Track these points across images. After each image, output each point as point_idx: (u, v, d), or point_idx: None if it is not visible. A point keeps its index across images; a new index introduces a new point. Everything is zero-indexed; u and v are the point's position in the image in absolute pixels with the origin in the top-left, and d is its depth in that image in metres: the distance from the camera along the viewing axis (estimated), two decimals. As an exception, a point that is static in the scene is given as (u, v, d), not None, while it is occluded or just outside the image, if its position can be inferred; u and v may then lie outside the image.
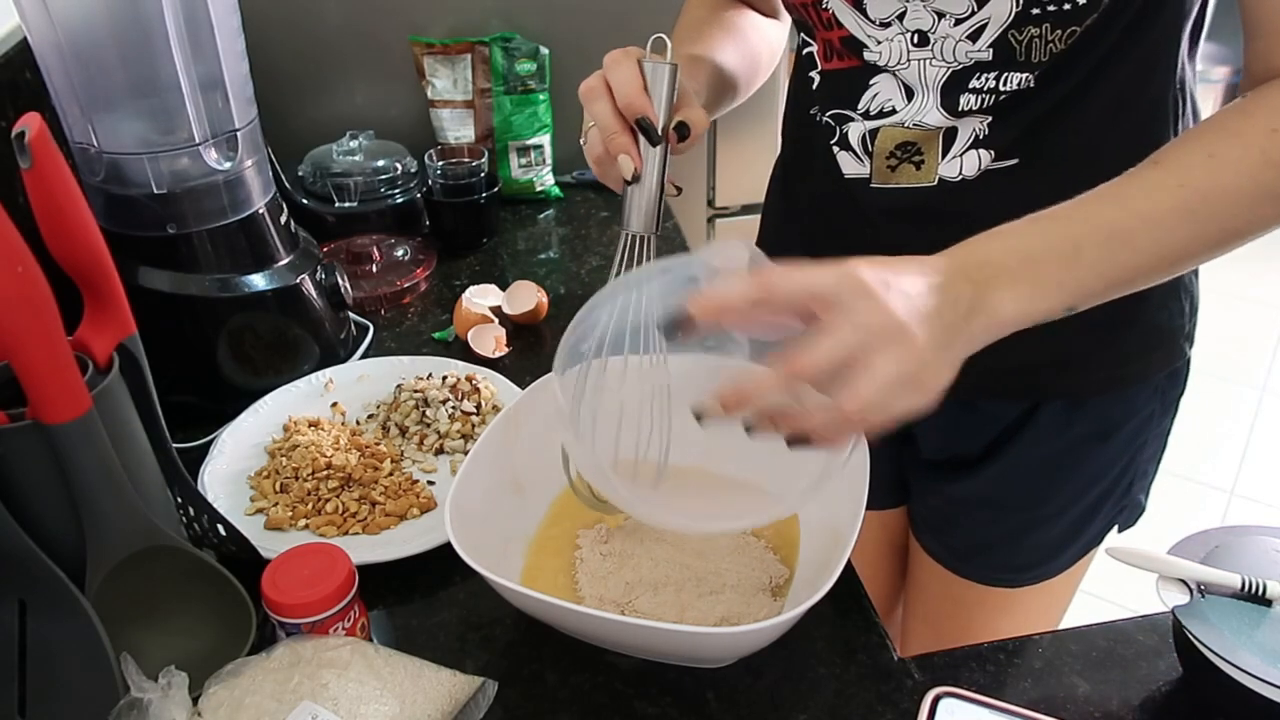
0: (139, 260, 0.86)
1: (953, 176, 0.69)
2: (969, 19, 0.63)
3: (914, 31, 0.65)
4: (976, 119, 0.67)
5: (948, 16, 0.63)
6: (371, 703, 0.57)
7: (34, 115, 0.54)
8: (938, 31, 0.64)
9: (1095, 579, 0.91)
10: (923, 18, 0.64)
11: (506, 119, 1.32)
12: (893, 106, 0.69)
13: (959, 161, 0.69)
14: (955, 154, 0.68)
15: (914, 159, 0.70)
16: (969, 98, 0.66)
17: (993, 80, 0.65)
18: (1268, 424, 2.48)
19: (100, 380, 0.58)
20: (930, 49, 0.65)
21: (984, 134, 0.67)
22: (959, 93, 0.66)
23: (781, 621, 0.57)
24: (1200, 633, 0.58)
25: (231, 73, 0.87)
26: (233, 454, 0.85)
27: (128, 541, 0.59)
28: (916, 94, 0.68)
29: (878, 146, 0.71)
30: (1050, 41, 0.62)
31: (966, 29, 0.63)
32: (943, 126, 0.68)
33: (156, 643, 0.61)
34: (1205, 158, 0.55)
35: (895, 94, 0.69)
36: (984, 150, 0.68)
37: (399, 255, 1.18)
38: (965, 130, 0.68)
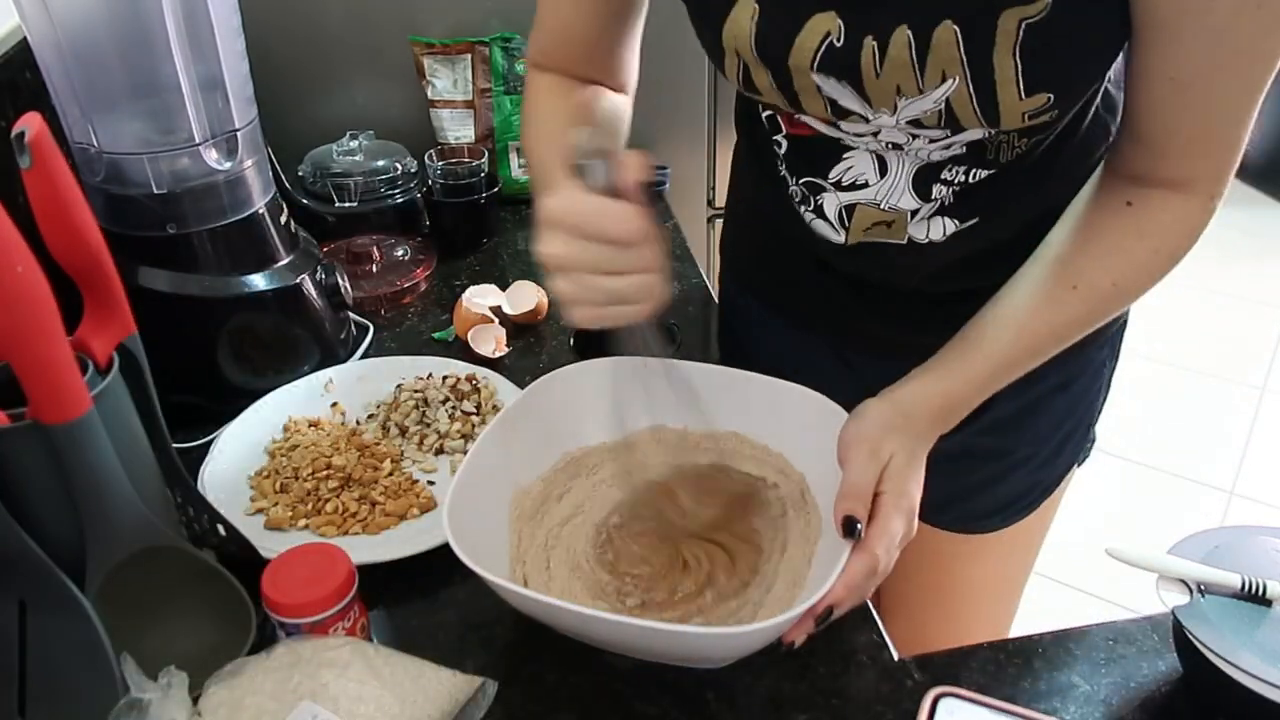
0: (139, 260, 0.86)
1: (920, 238, 0.74)
2: (942, 139, 0.66)
3: (888, 141, 0.68)
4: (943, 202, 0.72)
5: (922, 137, 0.66)
6: (371, 703, 0.57)
7: (34, 115, 0.54)
8: (911, 145, 0.67)
9: (1095, 579, 0.91)
10: (899, 137, 0.67)
11: (506, 119, 1.32)
12: (865, 180, 0.71)
13: (926, 225, 0.73)
14: (923, 218, 0.72)
15: (884, 238, 0.74)
16: (940, 188, 0.70)
17: (963, 174, 0.69)
18: (1268, 424, 2.48)
19: (100, 380, 0.58)
20: (902, 151, 0.68)
21: (949, 202, 0.71)
22: (931, 183, 0.70)
23: (781, 621, 0.57)
24: (1200, 633, 0.58)
25: (231, 73, 0.87)
26: (233, 454, 0.85)
27: (128, 541, 0.59)
28: (890, 170, 0.70)
29: (854, 223, 0.74)
30: (1017, 146, 0.67)
31: (939, 144, 0.66)
32: (916, 208, 0.72)
33: (156, 643, 0.61)
34: (1110, 287, 0.66)
35: (869, 169, 0.71)
36: (950, 219, 0.72)
37: (399, 255, 1.18)
38: (933, 203, 0.71)
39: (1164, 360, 2.70)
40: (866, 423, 0.67)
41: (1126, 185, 0.66)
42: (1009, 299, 0.68)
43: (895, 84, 0.61)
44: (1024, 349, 0.68)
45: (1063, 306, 0.66)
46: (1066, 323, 0.67)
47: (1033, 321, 0.67)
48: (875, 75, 0.61)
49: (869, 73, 0.61)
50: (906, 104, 0.62)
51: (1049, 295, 0.67)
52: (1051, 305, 0.67)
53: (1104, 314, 0.68)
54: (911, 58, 0.59)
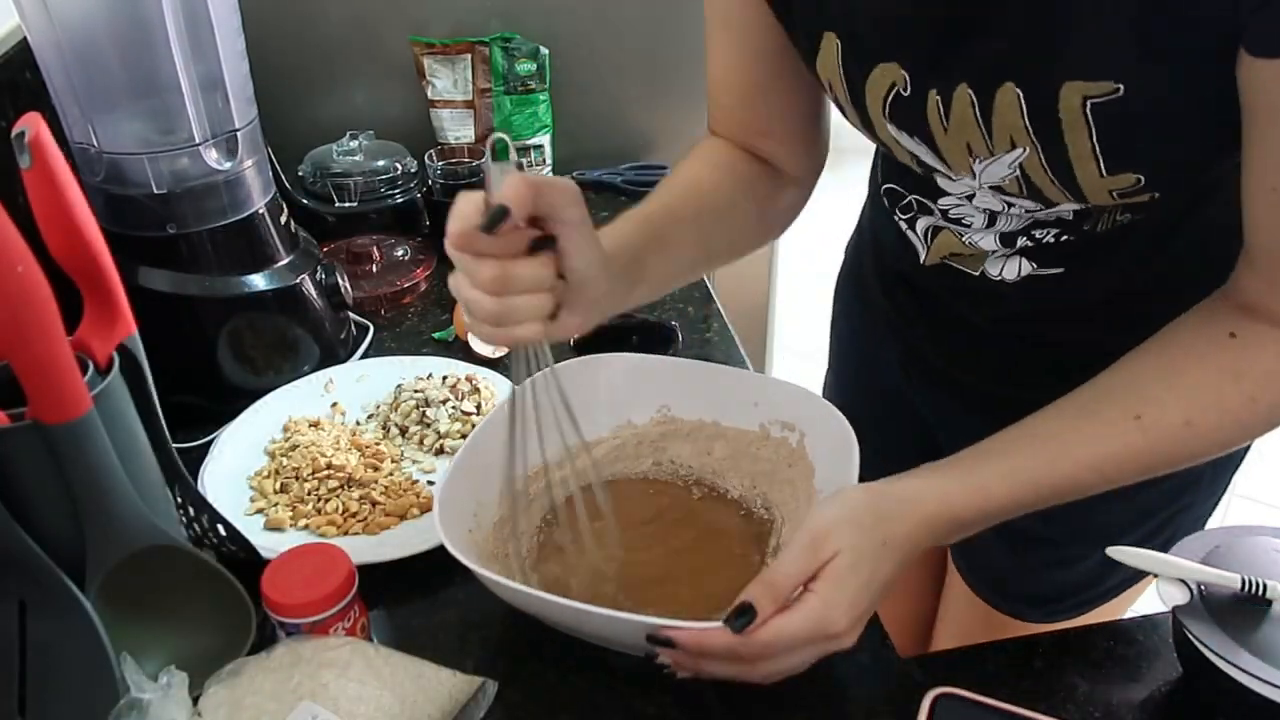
0: (139, 260, 0.86)
1: (994, 275, 0.70)
2: (1038, 211, 0.62)
3: (984, 209, 0.64)
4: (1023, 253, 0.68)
5: (1017, 206, 0.62)
6: (371, 703, 0.57)
7: (34, 115, 0.54)
8: (1010, 212, 0.64)
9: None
10: (993, 204, 0.63)
11: (506, 119, 1.32)
12: (971, 222, 0.68)
13: (1002, 263, 0.69)
14: (1000, 257, 0.68)
15: (957, 265, 0.71)
16: (1024, 240, 0.66)
17: (1052, 236, 0.64)
18: (1267, 424, 2.47)
19: (100, 380, 0.58)
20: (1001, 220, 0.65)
21: (1028, 247, 0.67)
22: (1018, 237, 0.66)
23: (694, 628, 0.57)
24: (1200, 633, 0.58)
25: (231, 73, 0.87)
26: (233, 454, 0.85)
27: (128, 541, 0.59)
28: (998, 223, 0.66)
29: (934, 246, 0.71)
30: (1120, 220, 0.62)
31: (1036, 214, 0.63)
32: (998, 250, 0.68)
33: (156, 643, 0.61)
34: (1183, 426, 0.56)
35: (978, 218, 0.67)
36: (1028, 261, 0.67)
37: (399, 255, 1.18)
38: (1015, 248, 0.67)
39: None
40: (829, 511, 0.58)
41: (1235, 315, 0.57)
42: (1055, 413, 0.59)
43: (965, 141, 0.57)
44: (1058, 476, 0.57)
45: (1117, 437, 0.56)
46: (1118, 457, 0.57)
47: (1077, 445, 0.57)
48: (944, 131, 0.57)
49: (937, 128, 0.58)
50: (982, 166, 0.58)
51: (1104, 419, 0.57)
52: (1104, 430, 0.57)
53: (1169, 459, 0.57)
54: (976, 118, 0.55)
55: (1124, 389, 0.58)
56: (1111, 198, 0.56)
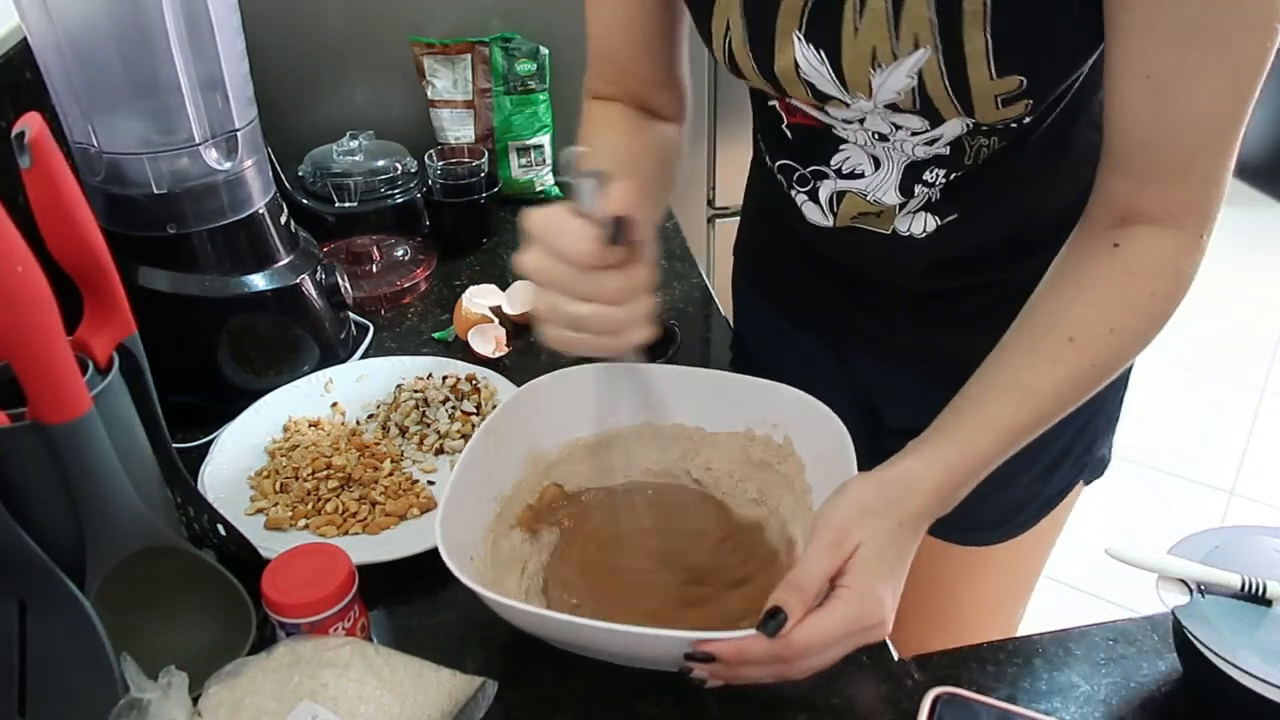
0: (139, 260, 0.86)
1: (904, 231, 0.74)
2: (924, 132, 0.66)
3: (874, 131, 0.68)
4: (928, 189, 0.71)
5: (904, 128, 0.66)
6: (371, 703, 0.57)
7: (34, 115, 0.54)
8: (896, 136, 0.67)
9: (1095, 579, 0.91)
10: (882, 126, 0.66)
11: (506, 119, 1.32)
12: (861, 171, 0.71)
13: (910, 219, 0.73)
14: (909, 213, 0.72)
15: (872, 228, 0.74)
16: (921, 188, 0.70)
17: (943, 176, 0.69)
18: (1268, 424, 2.48)
19: (100, 380, 0.58)
20: (889, 144, 0.68)
21: (935, 199, 0.71)
22: (914, 183, 0.70)
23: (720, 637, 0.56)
24: (1200, 633, 0.58)
25: (231, 73, 0.87)
26: (233, 454, 0.85)
27: (128, 541, 0.59)
28: (882, 166, 0.70)
29: (841, 209, 0.74)
30: (996, 149, 0.66)
31: (922, 139, 0.66)
32: (902, 202, 0.72)
33: (156, 643, 0.61)
34: (1109, 334, 0.62)
35: (865, 162, 0.71)
36: (933, 215, 0.72)
37: (399, 255, 1.18)
38: (918, 199, 0.71)
39: (1164, 360, 2.70)
40: (841, 505, 0.60)
41: (1111, 227, 0.63)
42: (1004, 360, 0.64)
43: (871, 46, 0.60)
44: (1029, 412, 0.62)
45: (1061, 362, 0.62)
46: (1069, 379, 0.62)
47: (1034, 381, 0.62)
48: (854, 34, 0.60)
49: (848, 33, 0.60)
50: (882, 79, 0.61)
51: (1046, 352, 0.62)
52: (1050, 361, 0.62)
53: (1107, 366, 0.63)
54: (888, 14, 0.58)
55: (1048, 320, 0.63)
56: (996, 105, 0.59)
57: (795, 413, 0.74)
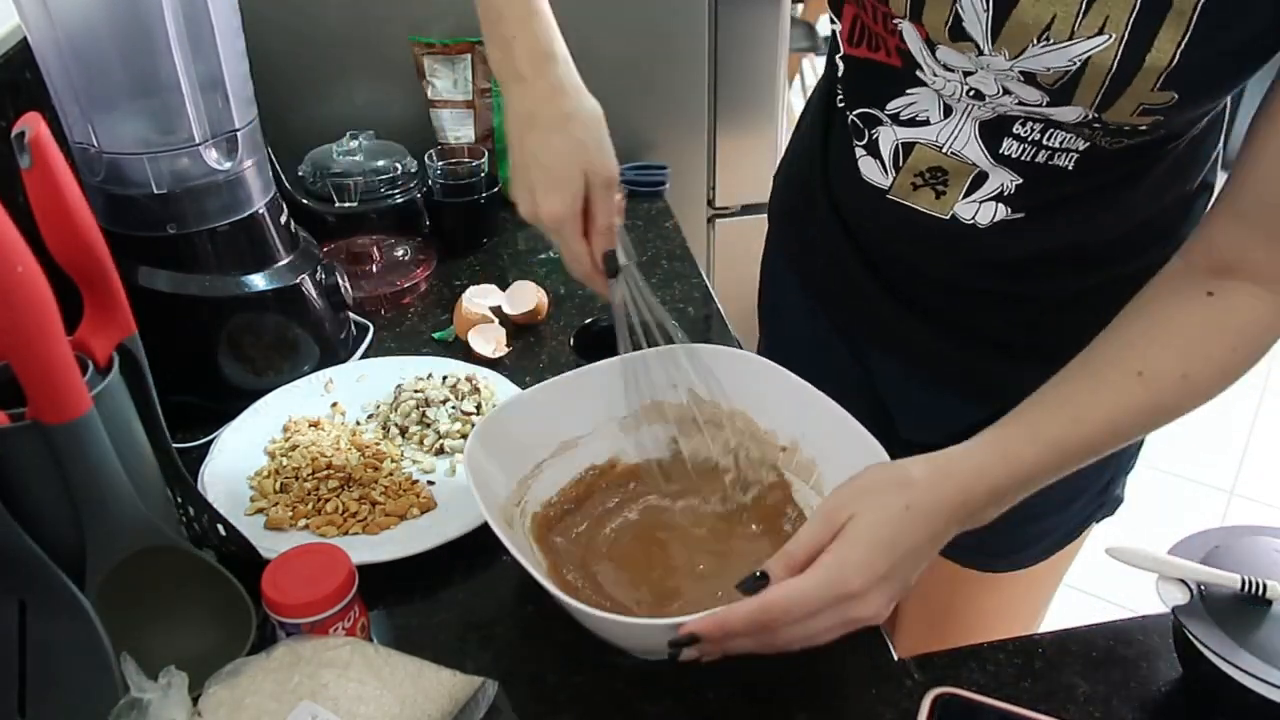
0: (139, 260, 0.86)
1: (966, 218, 0.69)
2: (1037, 107, 0.61)
3: (972, 88, 0.63)
4: (1008, 174, 0.66)
5: (1014, 95, 0.61)
6: (371, 703, 0.57)
7: (34, 115, 0.54)
8: (998, 102, 0.62)
9: (1095, 579, 0.91)
10: (990, 86, 0.62)
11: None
12: (927, 118, 0.67)
13: (977, 207, 0.68)
14: (977, 199, 0.68)
15: (937, 186, 0.69)
16: (1011, 143, 0.65)
17: (1037, 132, 0.63)
18: (1268, 424, 2.48)
19: (100, 380, 0.58)
20: (982, 102, 0.63)
21: (1010, 192, 0.67)
22: (1002, 135, 0.65)
23: None
24: (1200, 633, 0.58)
25: (231, 73, 0.87)
26: (233, 454, 0.85)
27: (128, 541, 0.59)
28: (955, 114, 0.66)
29: (909, 163, 0.69)
30: (1099, 141, 0.62)
31: (1029, 110, 0.62)
32: (979, 167, 0.67)
33: (156, 643, 0.61)
34: (1180, 379, 0.60)
35: (933, 108, 0.66)
36: (1004, 205, 0.68)
37: (399, 255, 1.18)
38: (994, 181, 0.67)
39: (1164, 360, 2.70)
40: (849, 483, 0.60)
41: (1208, 276, 0.60)
42: (1063, 381, 0.61)
43: (1053, 13, 0.55)
44: (1080, 439, 0.59)
45: (1125, 394, 0.59)
46: (1128, 413, 0.60)
47: (1091, 406, 0.60)
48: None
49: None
50: (1039, 51, 0.56)
51: (1110, 380, 0.60)
52: (1112, 391, 0.60)
53: (1169, 411, 0.61)
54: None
55: (1119, 350, 0.61)
56: (1133, 114, 0.56)
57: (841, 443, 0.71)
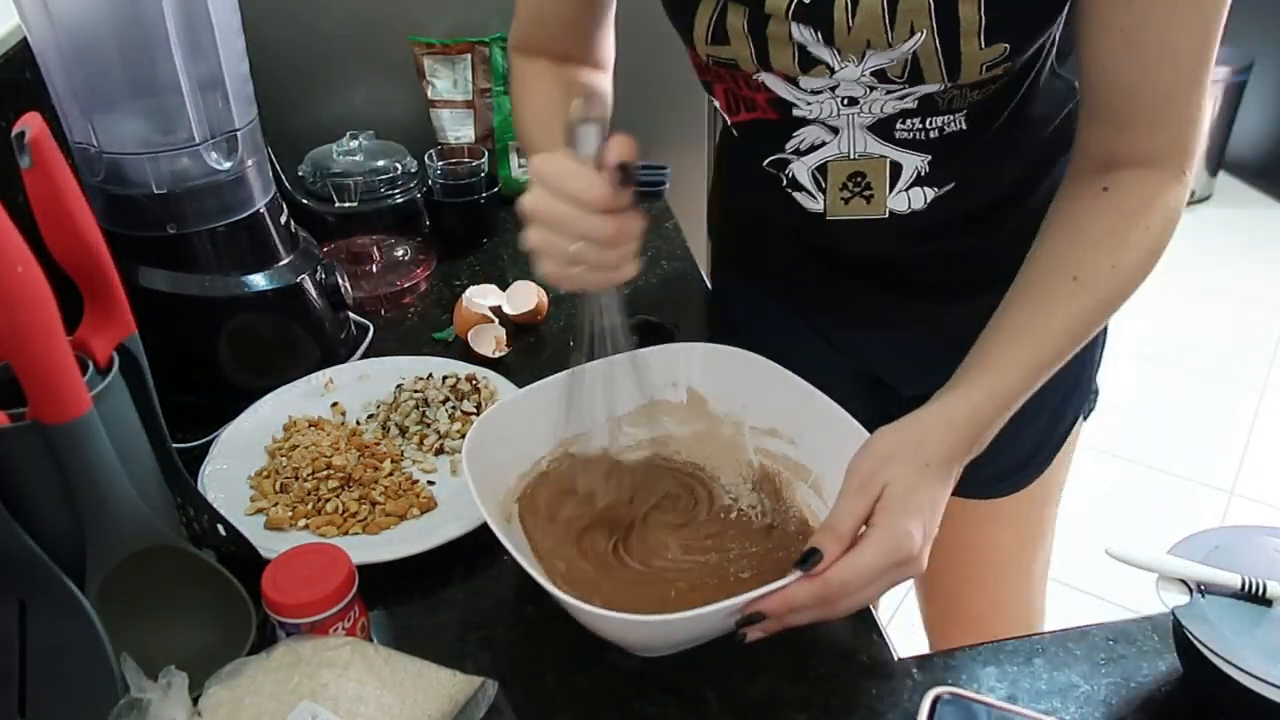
0: (139, 260, 0.86)
1: (902, 210, 0.75)
2: (899, 90, 0.66)
3: (844, 96, 0.69)
4: (916, 157, 0.72)
5: (879, 88, 0.67)
6: (371, 703, 0.57)
7: (34, 115, 0.54)
8: (868, 98, 0.68)
9: (1095, 579, 0.91)
10: (855, 90, 0.68)
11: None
12: (821, 141, 0.73)
13: (906, 196, 0.74)
14: (901, 189, 0.73)
15: (864, 193, 0.74)
16: (901, 133, 0.71)
17: (919, 123, 0.69)
18: (1268, 424, 2.48)
19: (100, 380, 0.58)
20: (859, 107, 0.69)
21: (925, 172, 0.72)
22: (889, 130, 0.71)
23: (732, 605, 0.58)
24: (1200, 633, 0.58)
25: (231, 73, 0.87)
26: (233, 454, 0.85)
27: (128, 541, 0.59)
28: (842, 133, 0.72)
29: (830, 180, 0.74)
30: (969, 98, 0.68)
31: (895, 96, 0.67)
32: (886, 156, 0.72)
33: (156, 643, 0.61)
34: (1111, 270, 0.65)
35: (822, 134, 0.72)
36: (927, 187, 0.73)
37: (399, 255, 1.18)
38: (909, 168, 0.72)
39: (1164, 360, 2.70)
40: (867, 453, 0.64)
41: (1098, 173, 0.66)
42: (1013, 306, 0.67)
43: (866, 38, 0.62)
44: (1045, 353, 0.65)
45: (1069, 300, 0.65)
46: (1077, 315, 0.65)
47: (1046, 322, 0.65)
48: (847, 30, 0.62)
49: (841, 26, 0.62)
50: (875, 54, 0.63)
51: (1053, 292, 0.65)
52: (1058, 301, 0.65)
53: (1111, 301, 0.66)
54: (883, 8, 0.61)
55: (1051, 264, 0.66)
56: (980, 72, 0.63)
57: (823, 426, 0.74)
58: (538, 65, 0.84)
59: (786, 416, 0.78)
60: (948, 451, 0.63)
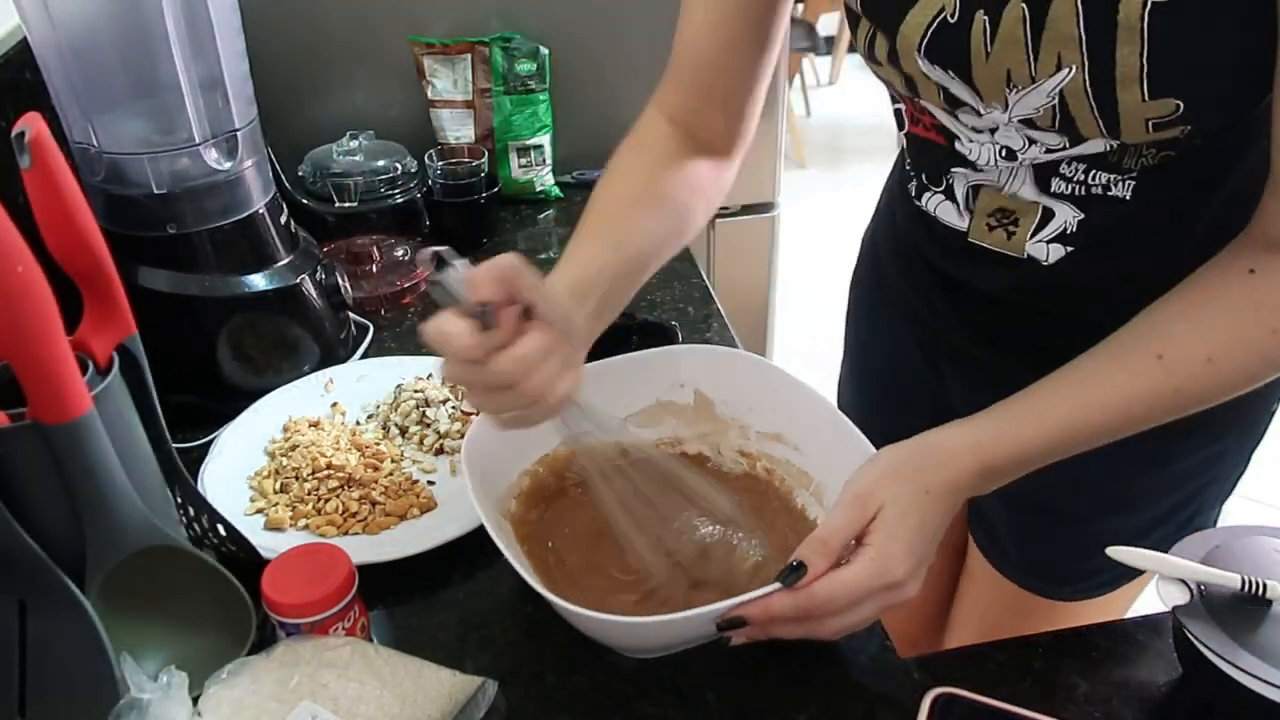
0: (139, 260, 0.86)
1: (1041, 258, 0.69)
2: (1061, 150, 0.61)
3: (1002, 146, 0.64)
4: (1070, 209, 0.66)
5: (1039, 144, 0.61)
6: (371, 703, 0.57)
7: (34, 115, 0.54)
8: (1027, 153, 0.63)
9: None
10: (1014, 140, 0.62)
11: (506, 119, 1.32)
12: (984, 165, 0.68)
13: (1045, 249, 0.68)
14: (1043, 239, 0.68)
15: (1008, 227, 0.69)
16: (1059, 183, 0.65)
17: (1081, 173, 0.63)
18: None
19: (100, 380, 0.58)
20: (1017, 161, 0.64)
21: (1072, 229, 0.66)
22: (1049, 177, 0.65)
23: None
24: (1200, 633, 0.58)
25: (231, 73, 0.87)
26: (233, 454, 0.85)
27: (128, 541, 0.59)
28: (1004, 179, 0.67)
29: (979, 204, 0.70)
30: (1143, 156, 0.61)
31: (1058, 155, 0.62)
32: (1038, 202, 0.67)
33: (156, 643, 0.61)
34: (1205, 362, 0.57)
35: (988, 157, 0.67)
36: (1067, 246, 0.67)
37: (399, 255, 1.18)
38: (1058, 219, 0.66)
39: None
40: (869, 468, 0.61)
41: (1255, 251, 0.57)
42: (1085, 360, 0.60)
43: (1006, 68, 0.57)
44: (1088, 422, 0.59)
45: (1141, 377, 0.58)
46: (1142, 397, 0.58)
47: (1103, 389, 0.59)
48: (985, 58, 0.57)
49: (978, 55, 0.57)
50: (1018, 96, 0.58)
51: (1127, 362, 0.58)
52: (1127, 375, 0.58)
53: (1194, 397, 0.58)
54: (1025, 34, 0.55)
55: (1145, 331, 0.59)
56: (1146, 130, 0.55)
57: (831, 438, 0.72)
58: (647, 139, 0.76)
59: (792, 423, 0.77)
60: (948, 483, 0.60)
